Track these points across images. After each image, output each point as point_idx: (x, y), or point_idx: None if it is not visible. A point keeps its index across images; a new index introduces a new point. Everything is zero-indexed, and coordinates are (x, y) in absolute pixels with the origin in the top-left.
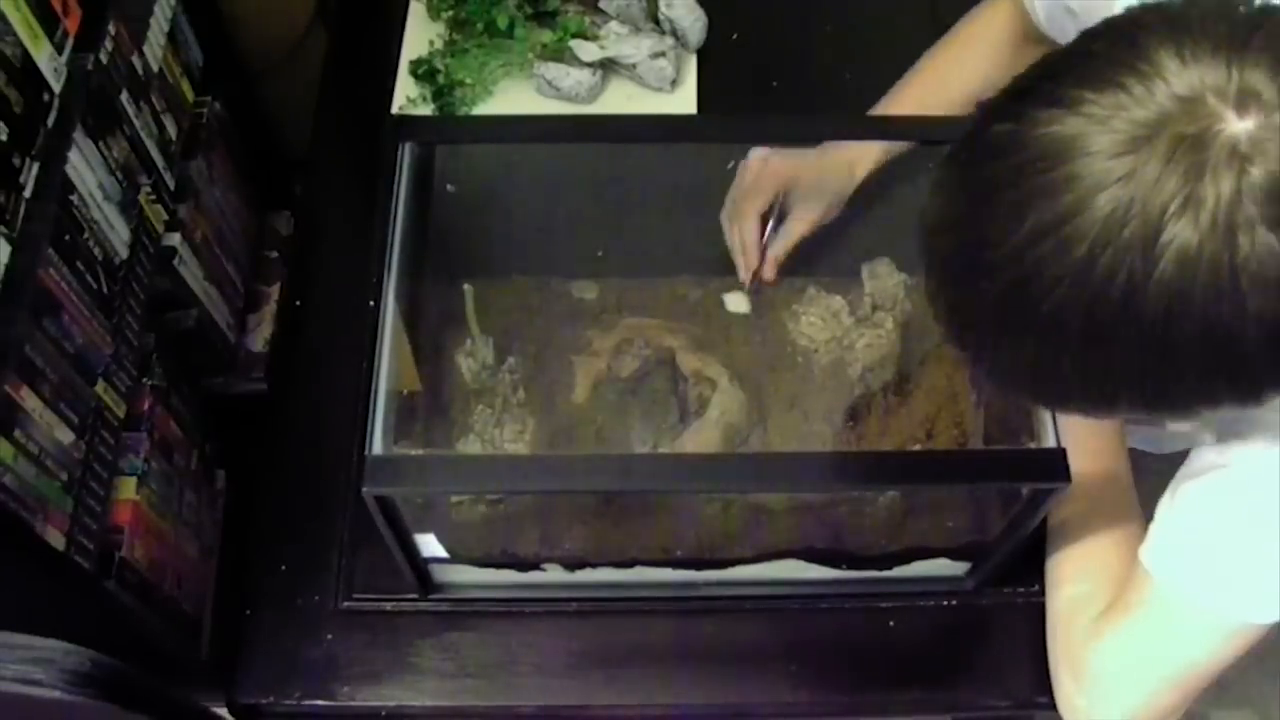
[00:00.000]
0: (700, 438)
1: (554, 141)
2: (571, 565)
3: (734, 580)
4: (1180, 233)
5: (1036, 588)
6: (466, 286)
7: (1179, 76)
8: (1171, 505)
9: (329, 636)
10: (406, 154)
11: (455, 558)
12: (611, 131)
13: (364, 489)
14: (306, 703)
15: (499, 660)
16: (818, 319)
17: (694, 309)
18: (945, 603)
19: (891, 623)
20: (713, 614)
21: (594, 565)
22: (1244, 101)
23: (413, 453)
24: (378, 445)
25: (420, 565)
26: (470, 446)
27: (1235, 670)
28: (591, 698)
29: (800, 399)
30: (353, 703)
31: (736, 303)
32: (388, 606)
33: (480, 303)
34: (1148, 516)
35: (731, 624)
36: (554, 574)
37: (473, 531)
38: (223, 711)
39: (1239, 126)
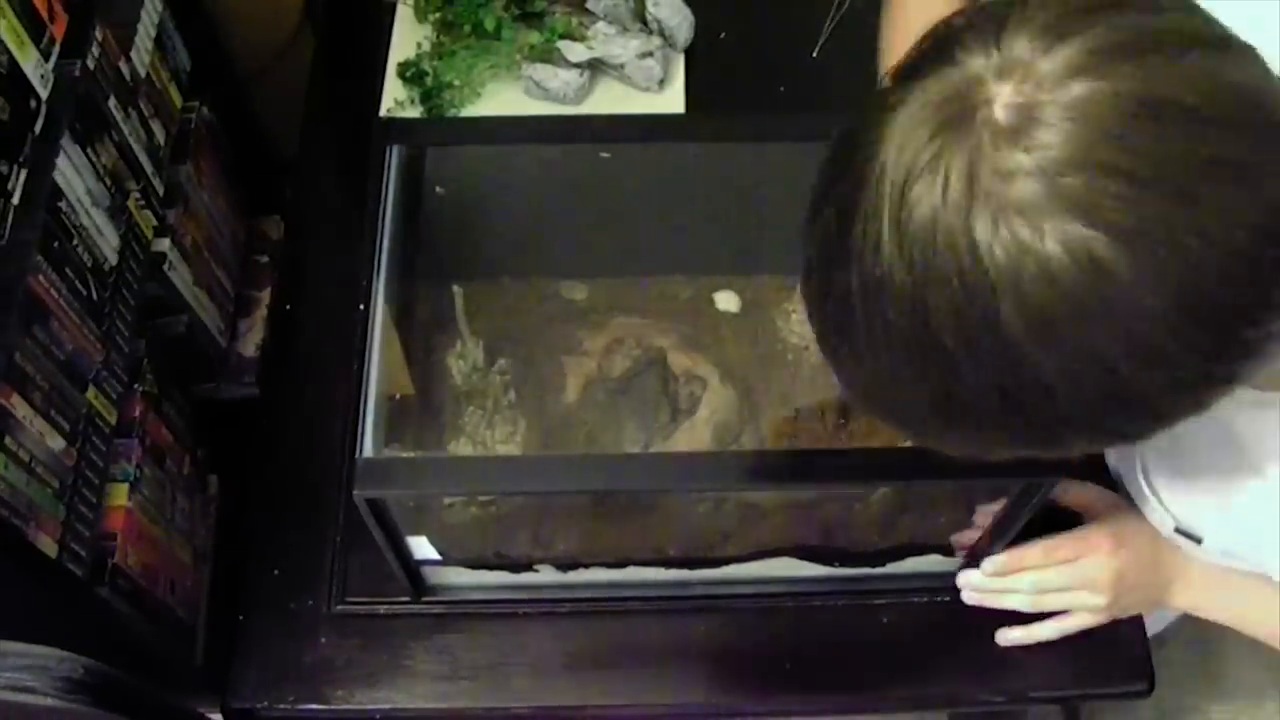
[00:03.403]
0: (691, 437)
1: (543, 142)
2: (564, 566)
3: (727, 579)
4: (921, 199)
5: None
6: (456, 288)
7: (970, 60)
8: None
9: (322, 640)
10: (394, 157)
11: (447, 560)
12: (599, 132)
13: (355, 492)
14: (300, 706)
15: (493, 662)
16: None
17: (684, 308)
18: (938, 599)
19: (885, 619)
20: (706, 613)
21: (587, 566)
22: (1006, 70)
23: (404, 455)
24: (368, 448)
25: (412, 567)
26: (461, 448)
27: (1233, 664)
28: (585, 698)
29: (790, 396)
30: (347, 706)
31: (726, 301)
32: (381, 610)
33: (470, 304)
34: None
35: (725, 623)
36: (547, 575)
37: (465, 533)
38: (217, 716)
39: (996, 92)
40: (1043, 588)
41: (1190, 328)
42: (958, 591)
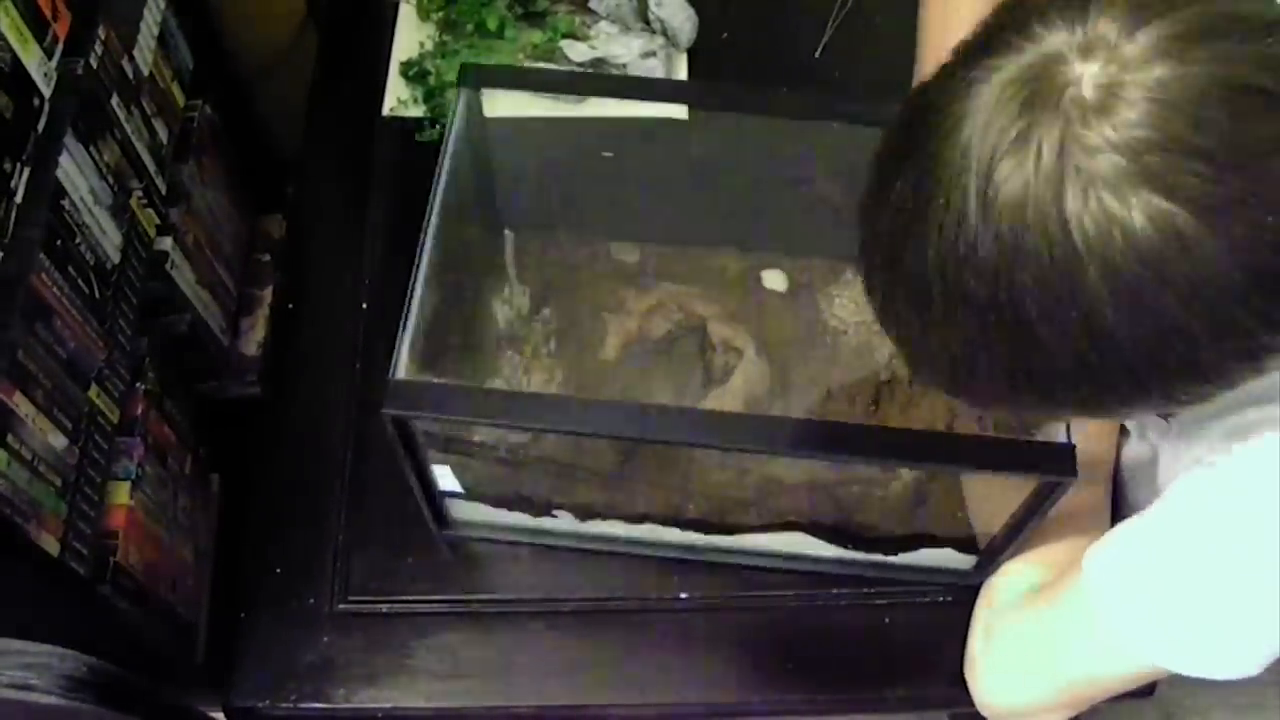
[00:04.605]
0: (721, 404)
1: (608, 96)
2: (583, 514)
3: (739, 549)
4: (1010, 175)
5: None
6: (508, 232)
7: (1050, 36)
8: (1131, 523)
9: (325, 639)
10: (463, 99)
11: (469, 494)
12: (660, 91)
13: (384, 409)
14: (302, 705)
15: (495, 661)
16: (851, 302)
17: (732, 281)
18: (940, 599)
19: (887, 619)
20: (708, 612)
21: (605, 516)
22: (1090, 48)
23: (435, 381)
24: (402, 370)
25: (435, 498)
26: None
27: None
28: (587, 697)
29: (824, 378)
30: (349, 705)
31: (775, 280)
32: (384, 608)
33: (521, 252)
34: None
35: (727, 622)
36: (565, 521)
37: (488, 472)
38: (218, 715)
39: (1081, 71)
40: None
41: (1262, 299)
42: (959, 590)
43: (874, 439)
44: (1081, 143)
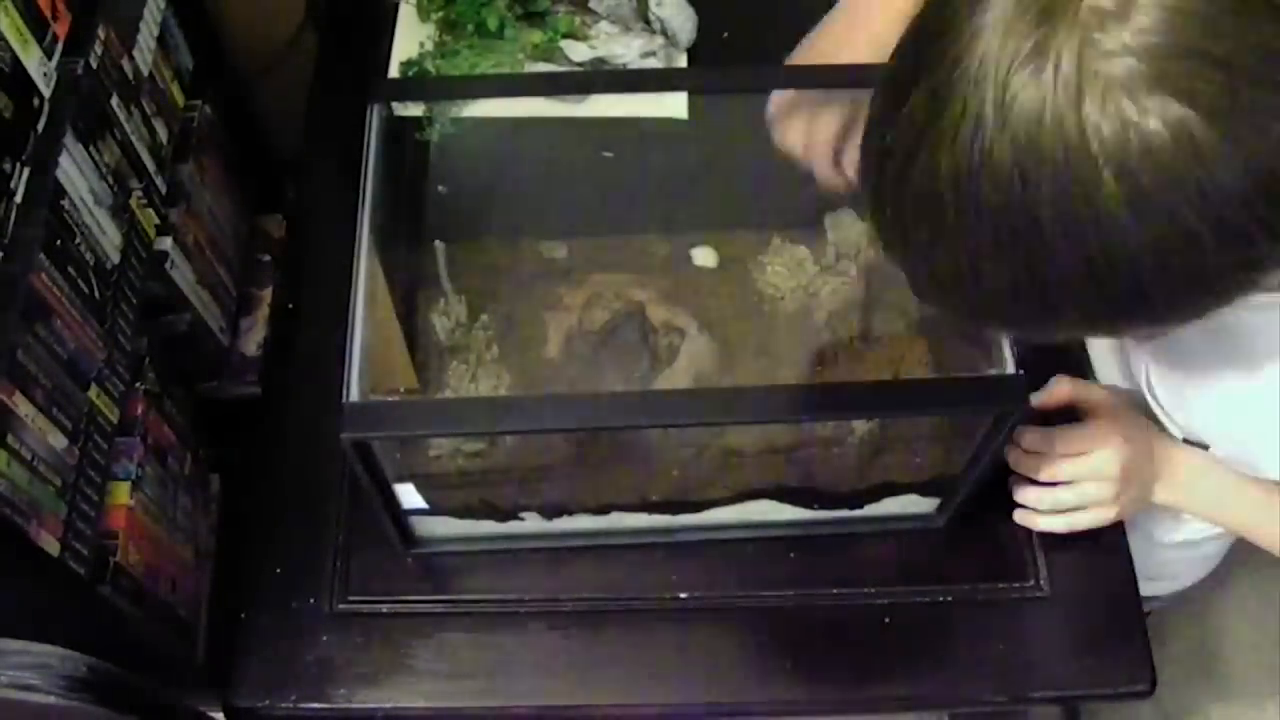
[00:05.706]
0: (672, 383)
1: (523, 95)
2: (549, 513)
3: (709, 524)
4: (1027, 83)
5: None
6: (438, 244)
7: None
8: None
9: (324, 639)
10: (375, 116)
11: (434, 509)
12: (579, 83)
13: (342, 435)
14: (303, 706)
15: (495, 661)
16: (783, 268)
17: (662, 264)
18: (940, 598)
19: (886, 619)
20: (708, 612)
21: (571, 513)
22: None
23: (390, 399)
24: (355, 392)
25: (400, 516)
26: None
27: (1234, 664)
28: (588, 698)
29: (768, 346)
30: (349, 705)
31: (704, 257)
32: (384, 609)
33: (452, 264)
34: None
35: (727, 622)
36: (532, 523)
37: (451, 482)
38: (218, 715)
39: None
40: (1055, 478)
41: (1266, 206)
42: (958, 590)
43: (827, 397)
44: (1099, 48)
